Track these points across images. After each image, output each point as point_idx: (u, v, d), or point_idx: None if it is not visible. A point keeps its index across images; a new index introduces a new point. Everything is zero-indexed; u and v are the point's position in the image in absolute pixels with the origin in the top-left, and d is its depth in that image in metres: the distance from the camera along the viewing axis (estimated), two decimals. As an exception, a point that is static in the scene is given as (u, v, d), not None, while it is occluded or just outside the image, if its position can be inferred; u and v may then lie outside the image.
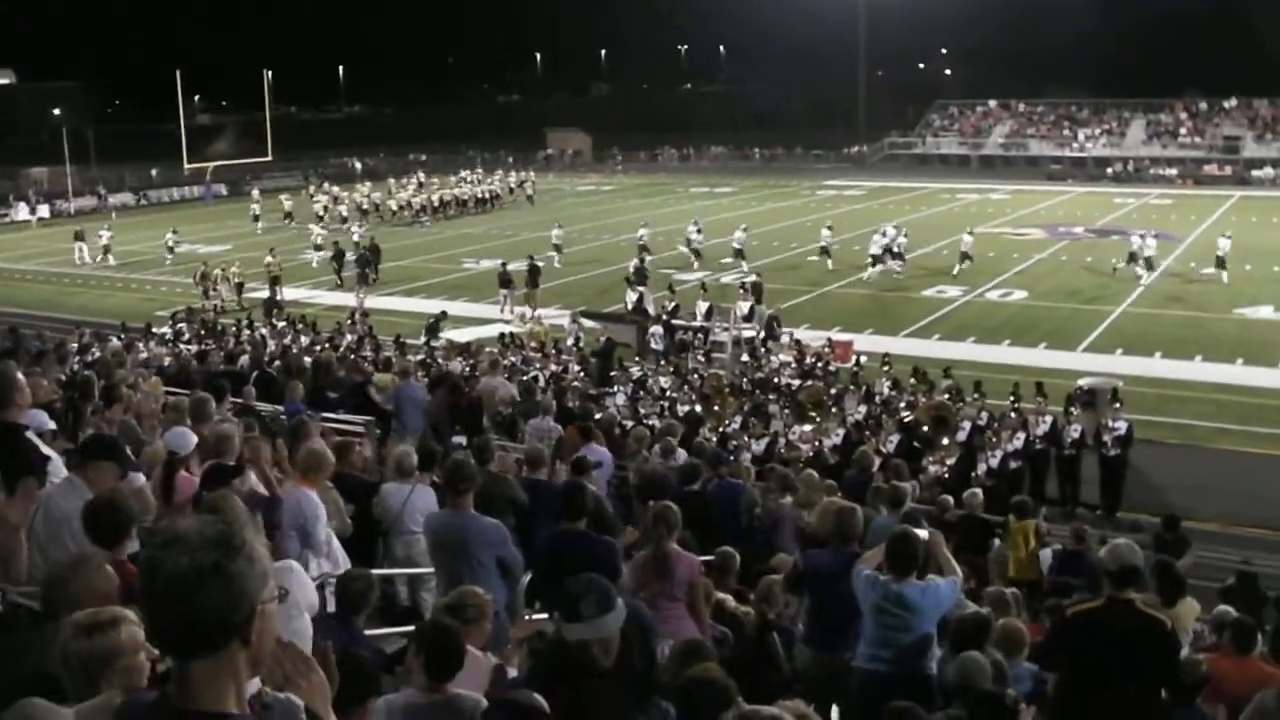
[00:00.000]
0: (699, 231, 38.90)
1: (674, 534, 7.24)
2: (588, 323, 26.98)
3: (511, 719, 3.97)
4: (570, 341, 25.52)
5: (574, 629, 4.39)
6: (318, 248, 40.26)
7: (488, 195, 59.01)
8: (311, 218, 51.74)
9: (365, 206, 55.29)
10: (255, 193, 60.23)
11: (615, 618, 4.46)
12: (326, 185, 63.03)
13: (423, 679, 4.68)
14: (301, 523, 7.50)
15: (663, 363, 23.29)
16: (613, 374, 22.25)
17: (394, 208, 54.90)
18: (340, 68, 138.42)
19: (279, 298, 32.59)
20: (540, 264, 33.01)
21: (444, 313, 28.57)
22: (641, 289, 29.34)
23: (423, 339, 25.54)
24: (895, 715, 4.99)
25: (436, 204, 55.31)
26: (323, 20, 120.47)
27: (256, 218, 53.48)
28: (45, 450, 6.47)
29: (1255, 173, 64.90)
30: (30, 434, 6.56)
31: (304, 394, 14.58)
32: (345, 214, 53.77)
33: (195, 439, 8.07)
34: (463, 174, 64.25)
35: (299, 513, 7.51)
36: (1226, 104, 75.40)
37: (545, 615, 6.34)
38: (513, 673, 5.28)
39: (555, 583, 6.61)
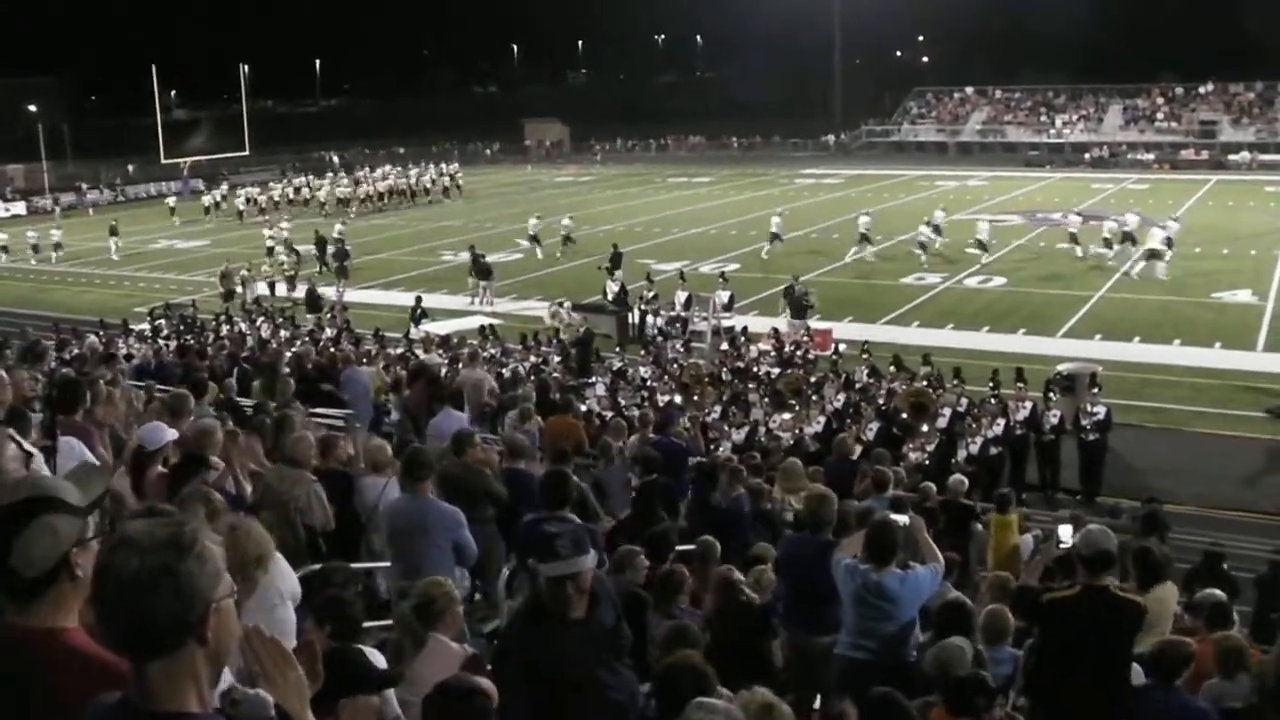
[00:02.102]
0: (933, 228, 36.32)
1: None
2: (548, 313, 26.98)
3: (450, 701, 3.96)
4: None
5: (550, 566, 4.55)
6: (269, 250, 38.14)
7: (414, 189, 59.64)
8: (233, 213, 53.31)
9: (278, 199, 56.78)
10: (224, 188, 60.41)
11: (589, 560, 4.63)
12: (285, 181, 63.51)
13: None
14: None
15: (643, 352, 23.32)
16: (592, 364, 22.28)
17: (322, 199, 55.73)
18: (317, 61, 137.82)
19: (316, 293, 31.18)
20: (484, 254, 33.21)
21: (418, 298, 28.73)
22: (617, 272, 29.54)
23: (412, 329, 25.58)
24: (877, 702, 5.00)
25: (363, 198, 56.31)
26: (299, 14, 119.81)
27: (173, 210, 54.87)
28: (27, 447, 6.43)
29: (1232, 157, 65.16)
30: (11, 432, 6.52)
31: (295, 389, 14.57)
32: (263, 207, 54.80)
33: (171, 434, 8.01)
34: (385, 169, 64.81)
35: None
36: (1203, 88, 75.71)
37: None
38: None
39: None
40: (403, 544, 7.45)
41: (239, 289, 32.99)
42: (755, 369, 21.39)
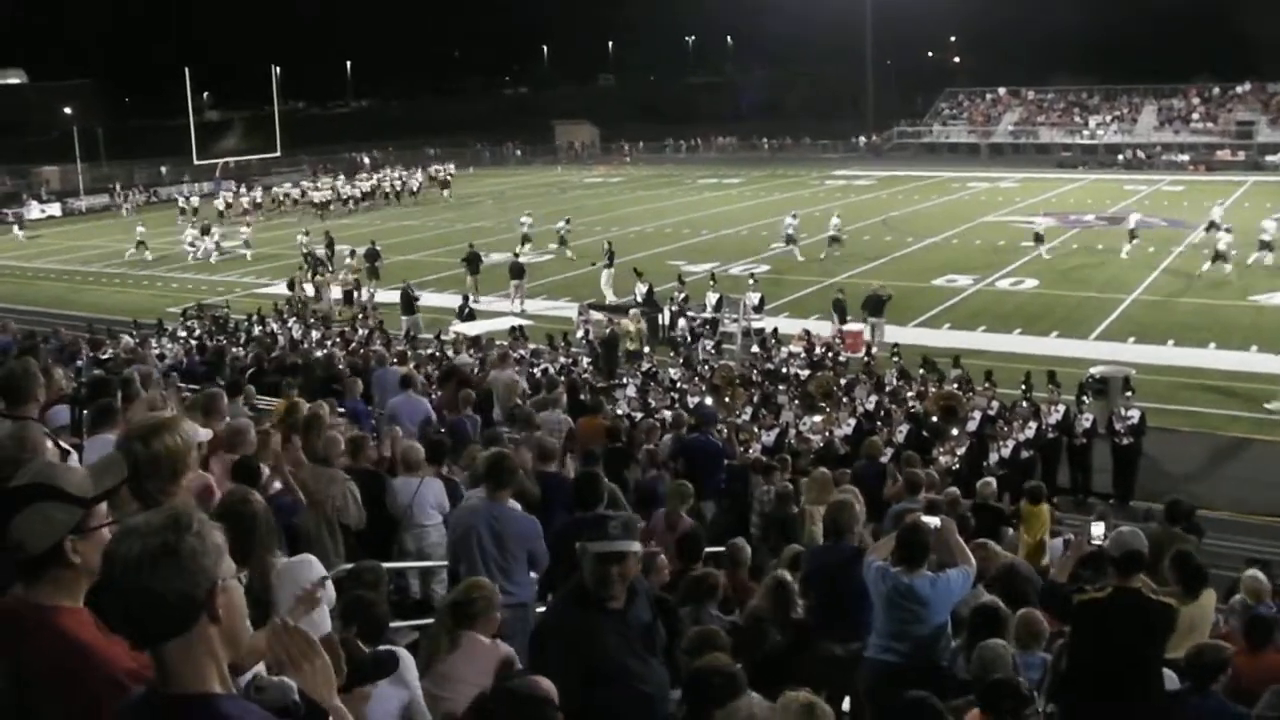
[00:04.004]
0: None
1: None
2: (595, 314, 26.96)
3: (511, 706, 3.98)
4: (580, 334, 25.51)
5: (599, 545, 4.64)
6: (306, 256, 37.63)
7: (398, 190, 61.70)
8: (213, 215, 53.81)
9: (260, 201, 58.76)
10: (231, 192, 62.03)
11: (636, 546, 4.76)
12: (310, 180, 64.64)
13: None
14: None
15: (672, 354, 23.30)
16: (620, 369, 22.28)
17: (317, 200, 56.94)
18: (348, 63, 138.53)
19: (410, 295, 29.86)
20: (480, 253, 33.67)
21: (465, 296, 29.00)
22: (608, 271, 30.69)
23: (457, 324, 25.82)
24: (910, 706, 4.95)
25: (344, 198, 58.02)
26: (330, 15, 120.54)
27: (183, 211, 56.04)
28: (64, 446, 6.49)
29: (1269, 158, 64.46)
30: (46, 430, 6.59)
31: (362, 391, 14.65)
32: (246, 207, 56.70)
33: (204, 434, 8.05)
34: (352, 176, 66.82)
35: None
36: (1239, 89, 74.92)
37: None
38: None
39: (570, 570, 6.69)
40: (472, 549, 7.31)
41: (311, 293, 32.90)
42: (786, 371, 21.33)
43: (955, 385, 19.06)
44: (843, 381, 19.86)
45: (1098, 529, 6.84)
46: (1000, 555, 9.42)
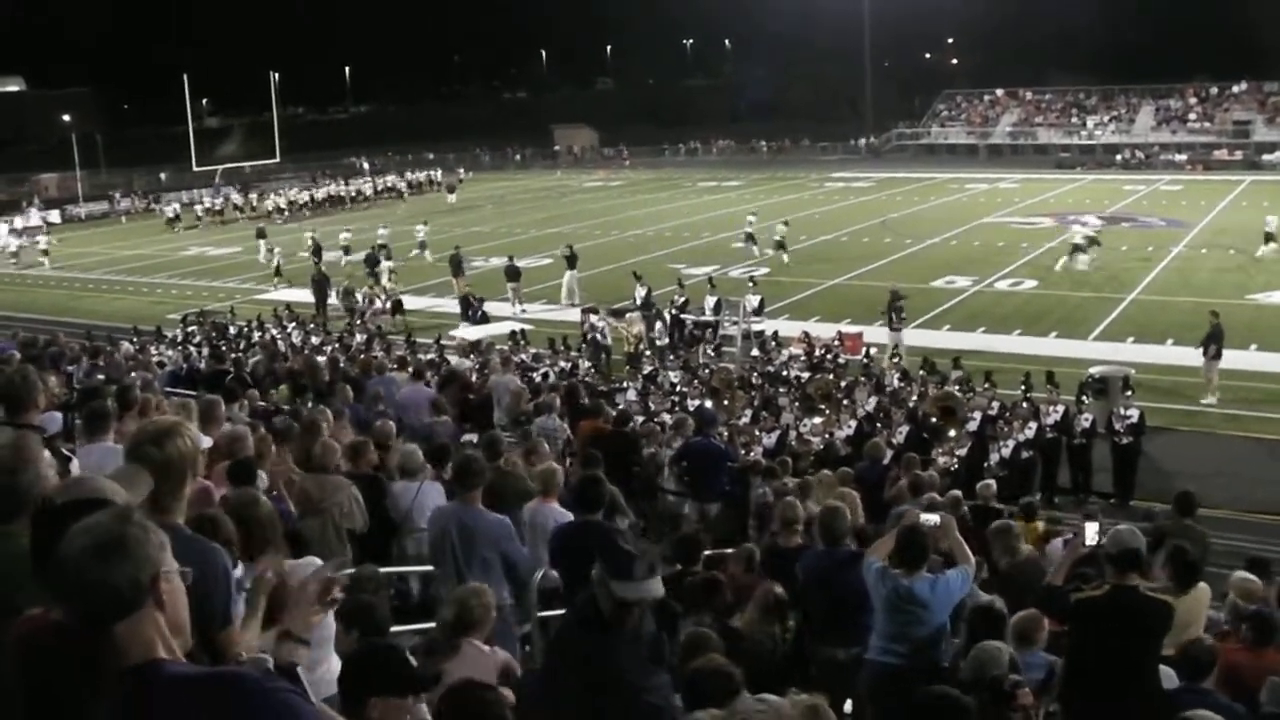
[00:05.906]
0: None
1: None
2: (594, 318, 26.89)
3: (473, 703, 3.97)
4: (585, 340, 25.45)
5: (624, 586, 4.60)
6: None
7: (352, 196, 63.73)
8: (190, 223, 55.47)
9: (221, 207, 60.29)
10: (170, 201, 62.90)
11: (658, 585, 4.73)
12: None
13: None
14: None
15: (671, 357, 23.28)
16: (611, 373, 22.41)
17: (269, 208, 58.64)
18: (347, 68, 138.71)
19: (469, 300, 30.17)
20: (463, 257, 34.01)
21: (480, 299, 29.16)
22: (570, 274, 31.60)
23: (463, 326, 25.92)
24: (930, 702, 4.83)
25: (304, 203, 60.06)
26: (328, 21, 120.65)
27: (173, 218, 56.82)
28: (65, 451, 6.52)
29: (1266, 157, 64.55)
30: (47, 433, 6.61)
31: (353, 396, 14.64)
32: (199, 214, 58.21)
33: (205, 441, 8.07)
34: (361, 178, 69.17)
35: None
36: (1236, 88, 74.96)
37: (562, 610, 6.40)
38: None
39: (571, 573, 6.69)
40: (448, 553, 7.41)
41: (360, 303, 32.49)
42: (785, 373, 21.33)
43: (955, 386, 19.07)
44: (842, 384, 19.86)
45: (1091, 530, 6.85)
46: (1022, 545, 9.44)
